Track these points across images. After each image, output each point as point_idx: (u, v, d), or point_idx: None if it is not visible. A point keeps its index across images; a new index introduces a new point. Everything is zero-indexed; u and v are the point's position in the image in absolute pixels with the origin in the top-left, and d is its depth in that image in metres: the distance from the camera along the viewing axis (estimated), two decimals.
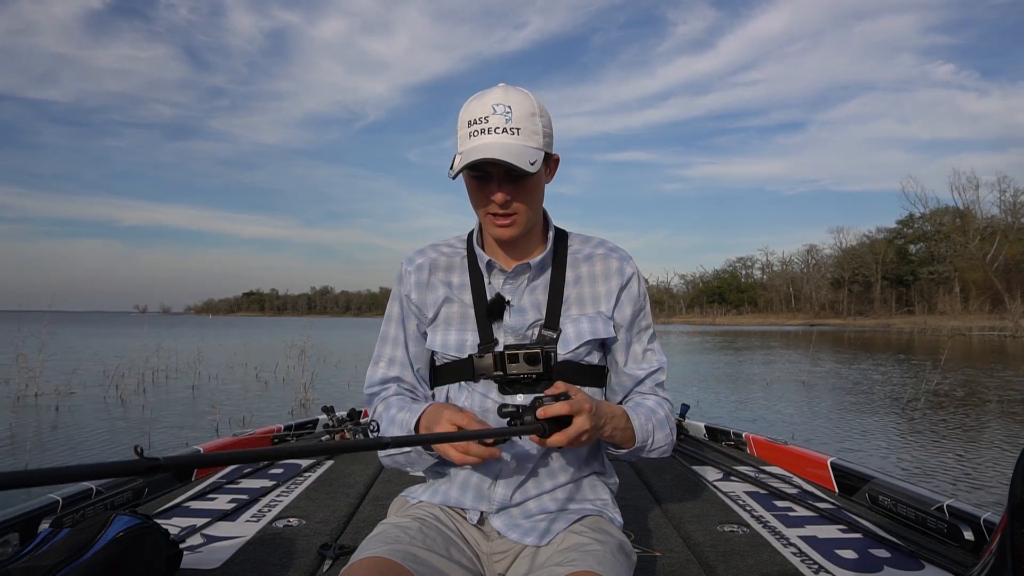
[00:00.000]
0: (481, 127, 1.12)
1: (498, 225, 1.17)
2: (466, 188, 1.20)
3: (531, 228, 1.22)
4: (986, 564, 0.81)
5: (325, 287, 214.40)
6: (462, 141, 1.15)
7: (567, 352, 1.19)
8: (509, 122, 1.12)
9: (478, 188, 1.17)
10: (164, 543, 1.38)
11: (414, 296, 1.27)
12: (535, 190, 1.18)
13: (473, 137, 1.13)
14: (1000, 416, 7.65)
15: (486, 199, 1.16)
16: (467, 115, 1.15)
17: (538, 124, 1.15)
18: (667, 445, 1.24)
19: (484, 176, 1.14)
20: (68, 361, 12.09)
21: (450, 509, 1.22)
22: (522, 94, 1.15)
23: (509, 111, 1.12)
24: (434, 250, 1.31)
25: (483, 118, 1.13)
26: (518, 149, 1.10)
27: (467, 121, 1.14)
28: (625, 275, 1.25)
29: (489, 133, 1.12)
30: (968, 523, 1.66)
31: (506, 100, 1.13)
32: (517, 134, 1.12)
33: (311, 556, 1.57)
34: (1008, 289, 46.39)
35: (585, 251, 1.27)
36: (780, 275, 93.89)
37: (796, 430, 6.59)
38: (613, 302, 1.24)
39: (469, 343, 1.21)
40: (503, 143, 1.11)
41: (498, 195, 1.13)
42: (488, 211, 1.17)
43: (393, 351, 1.29)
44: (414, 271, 1.28)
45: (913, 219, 69.55)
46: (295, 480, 2.26)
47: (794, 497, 2.08)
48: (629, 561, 1.13)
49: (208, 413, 7.20)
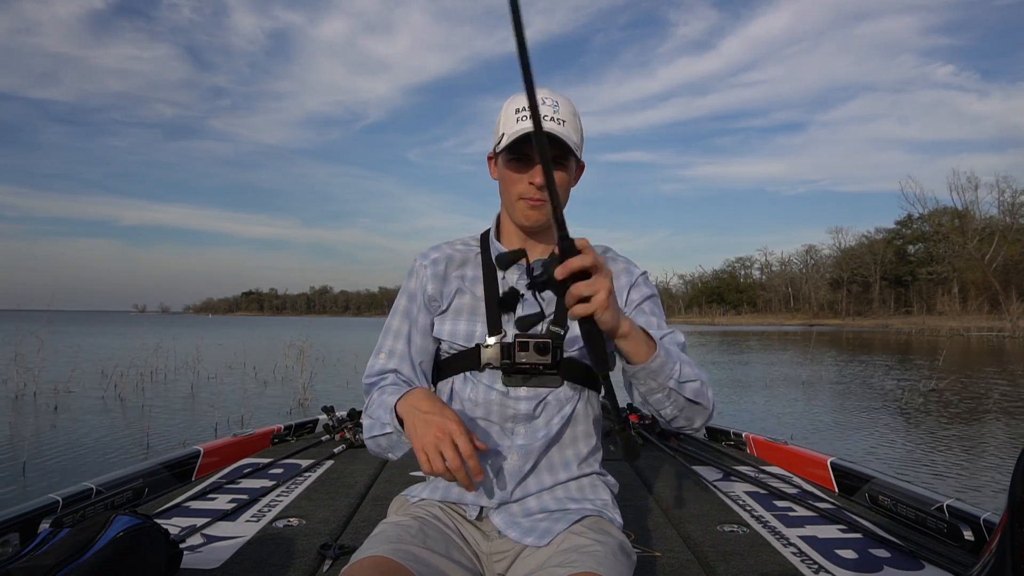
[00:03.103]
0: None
1: (531, 206, 1.21)
2: (500, 174, 1.25)
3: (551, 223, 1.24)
4: (986, 564, 0.81)
5: (324, 287, 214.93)
6: (508, 125, 1.20)
7: (572, 350, 1.21)
8: (557, 113, 1.18)
9: (517, 169, 1.20)
10: (164, 543, 1.38)
11: (430, 288, 1.29)
12: (568, 181, 1.22)
13: (521, 121, 1.18)
14: (999, 416, 7.66)
15: (523, 181, 1.20)
16: (515, 104, 1.21)
17: (578, 124, 1.23)
18: (702, 387, 1.11)
19: (524, 158, 1.19)
20: (67, 360, 12.07)
21: (450, 508, 1.23)
22: (565, 97, 1.23)
23: (557, 105, 1.19)
24: (449, 247, 1.35)
25: None
26: (565, 135, 1.17)
27: (515, 109, 1.20)
28: (633, 275, 1.30)
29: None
30: (968, 523, 1.66)
31: (553, 96, 1.20)
32: (564, 125, 1.18)
33: (311, 556, 1.57)
34: (1006, 290, 46.45)
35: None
36: (779, 275, 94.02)
37: (796, 430, 6.60)
38: (624, 298, 1.27)
39: (478, 333, 1.23)
40: (552, 128, 1.16)
41: (537, 176, 1.18)
42: (522, 195, 1.20)
43: (394, 343, 1.30)
44: (430, 265, 1.31)
45: (912, 220, 69.65)
46: (295, 480, 2.26)
47: (794, 497, 2.08)
48: (629, 561, 1.13)
49: (207, 413, 7.19)
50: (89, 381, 9.93)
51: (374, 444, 1.23)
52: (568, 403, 1.23)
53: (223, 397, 8.20)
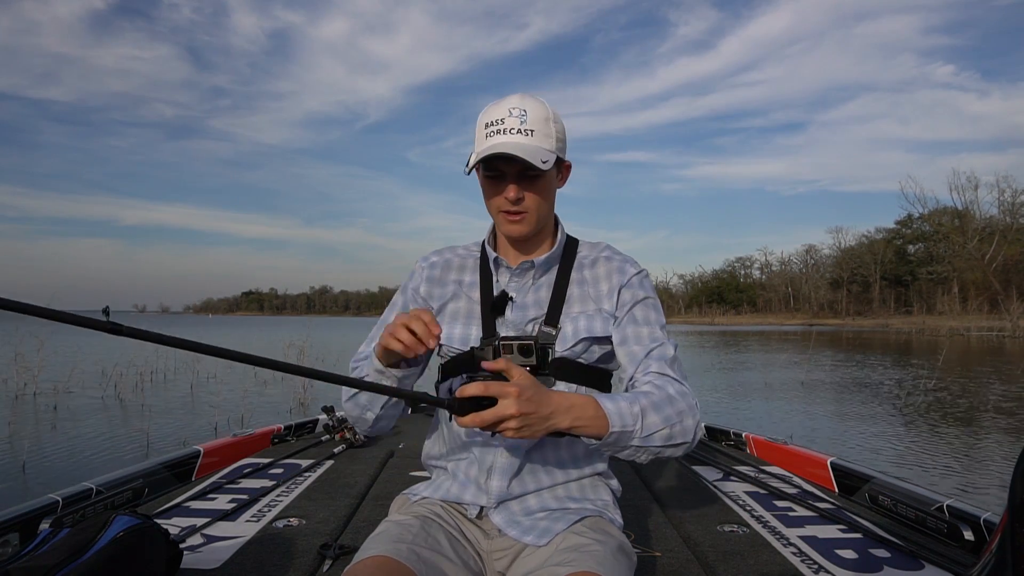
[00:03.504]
0: (497, 128, 1.18)
1: (510, 222, 1.22)
2: (481, 189, 1.26)
3: (541, 228, 1.27)
4: (986, 564, 0.81)
5: (324, 286, 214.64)
6: (479, 142, 1.21)
7: (565, 349, 1.21)
8: (524, 124, 1.17)
9: (492, 186, 1.22)
10: (164, 543, 1.38)
11: (423, 289, 1.33)
12: (546, 190, 1.22)
13: (489, 137, 1.19)
14: (999, 416, 7.66)
15: (499, 197, 1.21)
16: (485, 118, 1.21)
17: (551, 129, 1.20)
18: (672, 429, 1.08)
19: (498, 175, 1.20)
20: (67, 360, 12.06)
21: (451, 506, 1.23)
22: (537, 101, 1.21)
23: (524, 114, 1.18)
24: (451, 251, 1.38)
25: (499, 120, 1.19)
26: (531, 148, 1.16)
27: (484, 124, 1.20)
28: (627, 274, 1.28)
29: (504, 133, 1.18)
30: (968, 523, 1.66)
31: (522, 105, 1.19)
32: (531, 135, 1.17)
33: (311, 556, 1.57)
34: (1006, 289, 46.44)
35: (592, 255, 1.31)
36: (779, 275, 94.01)
37: (796, 430, 6.60)
38: (615, 298, 1.26)
39: (473, 336, 1.25)
40: (517, 142, 1.16)
41: (511, 191, 1.18)
42: (501, 208, 1.22)
43: (380, 332, 1.30)
44: (427, 267, 1.35)
45: (912, 219, 69.72)
46: (295, 480, 2.26)
47: (794, 497, 2.08)
48: (630, 562, 1.14)
49: (207, 412, 7.19)
50: (89, 381, 9.93)
51: (353, 405, 1.25)
52: None
53: (223, 397, 8.19)
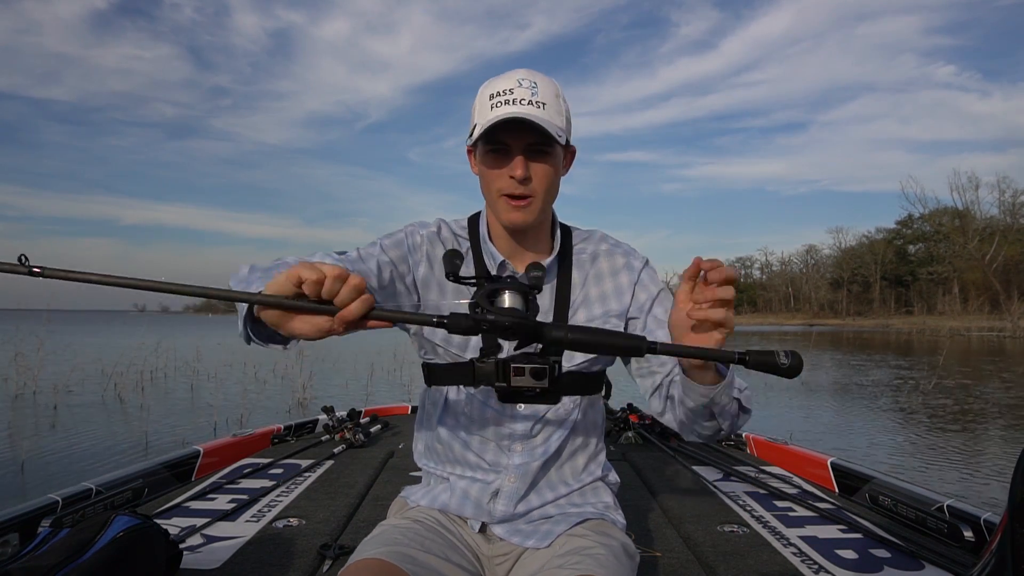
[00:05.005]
0: (506, 98, 1.06)
1: (513, 207, 1.09)
2: (479, 169, 1.13)
3: (541, 220, 1.15)
4: (986, 564, 0.81)
5: None
6: (482, 113, 1.08)
7: (572, 365, 1.15)
8: (535, 96, 1.07)
9: (496, 161, 1.09)
10: (164, 543, 1.38)
11: (422, 270, 1.16)
12: (554, 171, 1.11)
13: (496, 108, 1.06)
14: (999, 416, 7.66)
15: (503, 175, 1.08)
16: (489, 89, 1.09)
17: (562, 106, 1.10)
18: (742, 394, 1.05)
19: (503, 149, 1.08)
20: (66, 360, 12.06)
21: (450, 513, 1.21)
22: (547, 77, 1.11)
23: (535, 86, 1.07)
24: (447, 229, 1.22)
25: (508, 90, 1.07)
26: (545, 119, 1.05)
27: (489, 95, 1.08)
28: (635, 270, 1.22)
29: (514, 104, 1.06)
30: (968, 523, 1.66)
31: (531, 77, 1.09)
32: (543, 108, 1.07)
33: (311, 556, 1.57)
34: (1006, 290, 46.44)
35: (589, 249, 1.24)
36: (779, 275, 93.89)
37: (796, 430, 6.60)
38: (628, 298, 1.20)
39: (472, 343, 1.14)
40: (529, 112, 1.05)
41: (517, 167, 1.06)
42: (503, 191, 1.09)
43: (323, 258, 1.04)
44: (427, 243, 1.18)
45: (912, 219, 69.65)
46: (295, 480, 2.26)
47: (794, 497, 2.08)
48: (632, 563, 1.13)
49: (207, 412, 7.19)
50: (89, 381, 9.92)
51: (235, 279, 0.99)
52: (568, 417, 1.19)
53: (222, 397, 8.19)
